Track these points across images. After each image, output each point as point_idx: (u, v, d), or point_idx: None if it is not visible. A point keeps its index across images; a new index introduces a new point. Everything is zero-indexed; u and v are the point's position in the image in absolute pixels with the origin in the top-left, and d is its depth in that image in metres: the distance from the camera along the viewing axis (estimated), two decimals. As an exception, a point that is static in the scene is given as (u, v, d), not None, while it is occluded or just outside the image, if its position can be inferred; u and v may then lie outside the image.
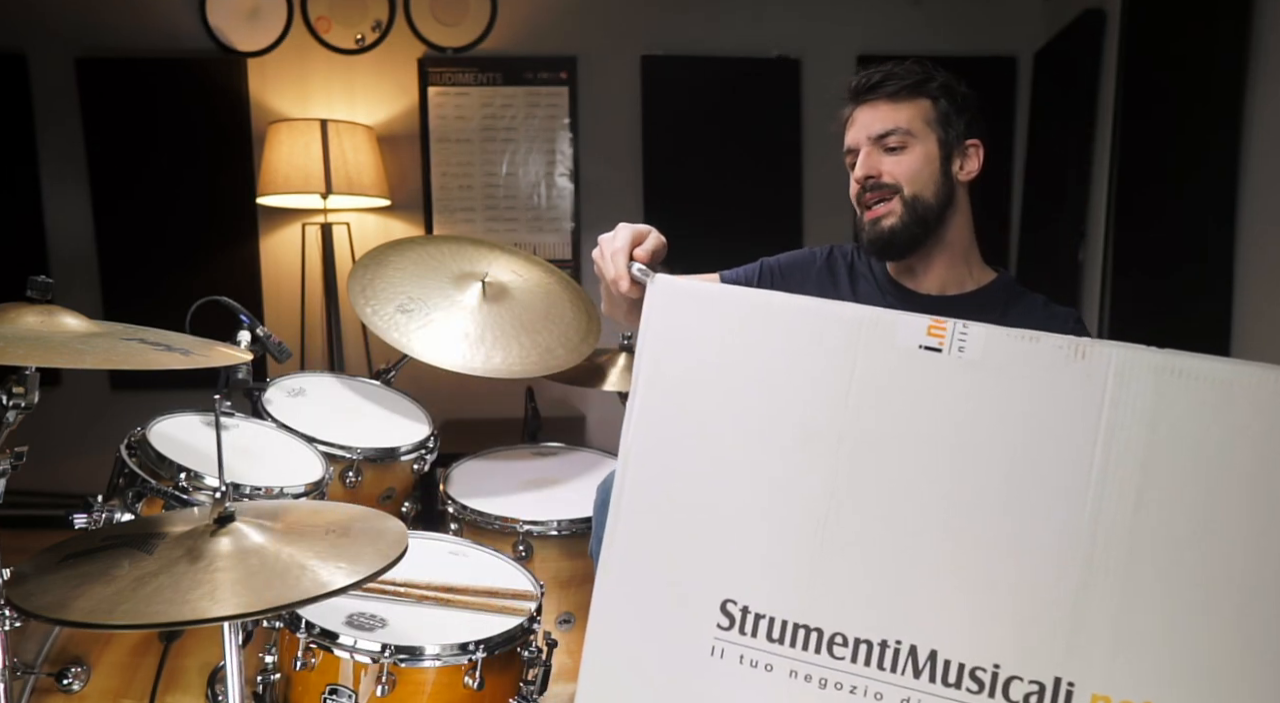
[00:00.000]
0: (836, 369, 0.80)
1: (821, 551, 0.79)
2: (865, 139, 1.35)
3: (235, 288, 2.56)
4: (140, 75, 3.57)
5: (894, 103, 1.34)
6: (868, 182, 1.34)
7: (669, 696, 0.81)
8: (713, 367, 0.81)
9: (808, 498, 0.80)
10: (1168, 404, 0.74)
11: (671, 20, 3.56)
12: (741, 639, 0.80)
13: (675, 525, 0.79)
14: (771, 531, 0.81)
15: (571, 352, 2.05)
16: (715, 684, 0.80)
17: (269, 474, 1.64)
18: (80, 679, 1.37)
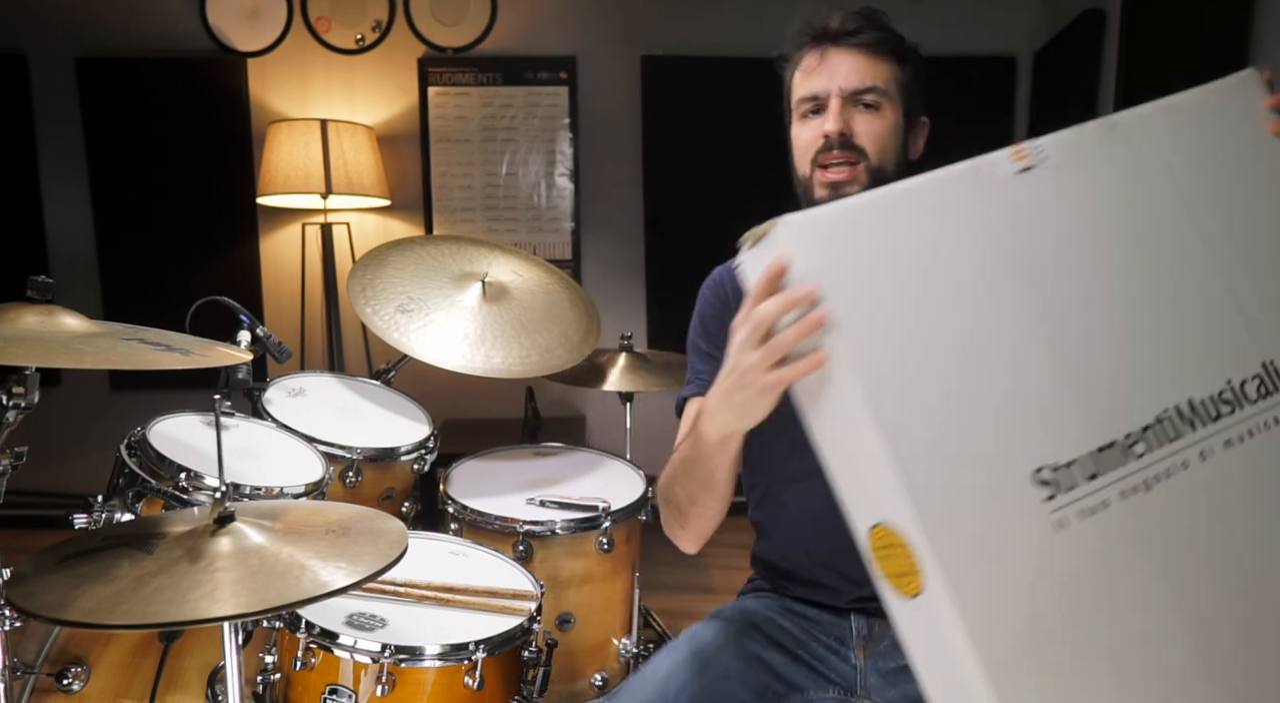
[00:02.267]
0: (975, 221, 0.82)
1: (1067, 376, 0.82)
2: (839, 89, 1.18)
3: (235, 288, 2.56)
4: (140, 75, 3.57)
5: (872, 56, 1.19)
6: (839, 139, 1.17)
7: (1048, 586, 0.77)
8: (882, 275, 0.79)
9: (1030, 340, 0.82)
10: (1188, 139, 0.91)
11: (671, 20, 3.57)
12: (1071, 497, 0.79)
13: (950, 435, 0.76)
14: (1021, 382, 0.81)
15: (571, 352, 2.05)
16: (1078, 553, 0.78)
17: (269, 474, 1.64)
18: (80, 679, 1.37)
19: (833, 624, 1.23)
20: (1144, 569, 0.80)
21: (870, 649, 1.21)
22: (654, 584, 2.42)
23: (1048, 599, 0.76)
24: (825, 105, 1.18)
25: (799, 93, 1.22)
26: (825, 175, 1.19)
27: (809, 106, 1.20)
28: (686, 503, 1.11)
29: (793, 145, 1.25)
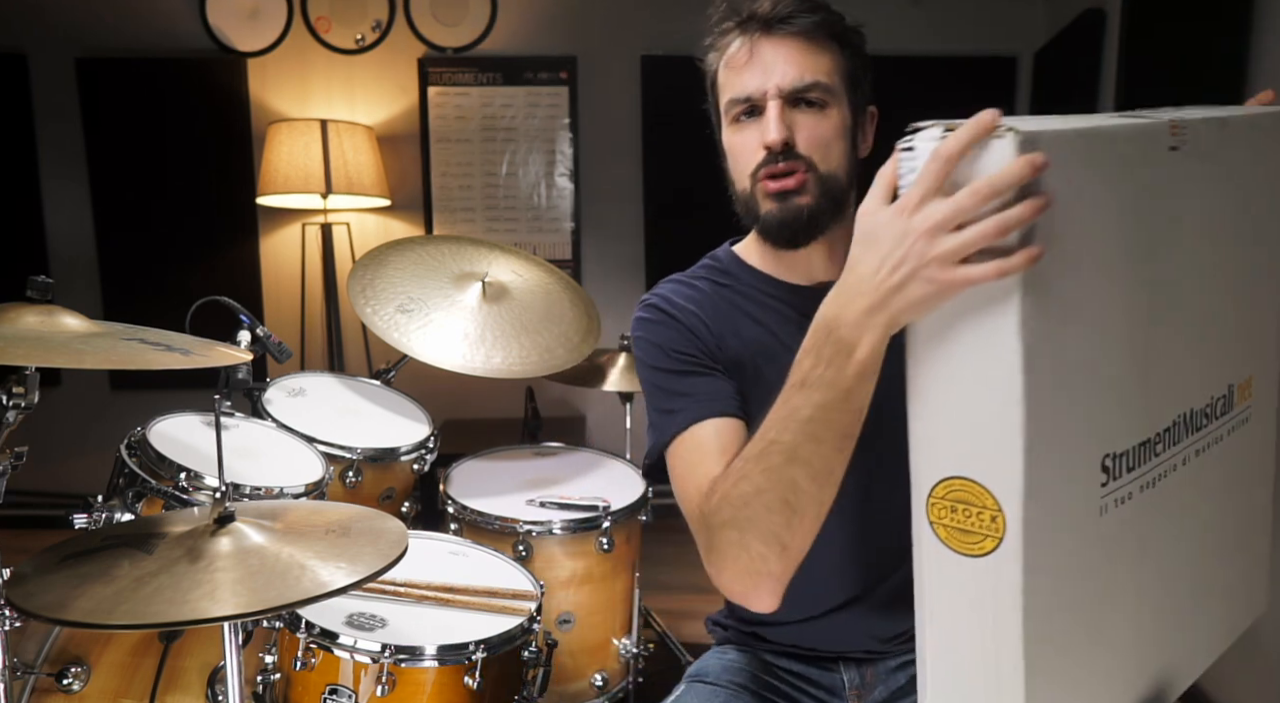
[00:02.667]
0: (1135, 185, 0.78)
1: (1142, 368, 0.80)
2: (775, 88, 1.01)
3: (235, 288, 2.56)
4: (140, 75, 3.57)
5: (810, 45, 1.02)
6: (782, 149, 1.00)
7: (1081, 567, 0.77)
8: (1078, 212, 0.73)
9: (1136, 324, 0.80)
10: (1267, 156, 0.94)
11: (671, 20, 3.56)
12: (1116, 485, 0.79)
13: (1063, 402, 0.73)
14: (1119, 364, 0.79)
15: (571, 352, 2.05)
16: (1105, 538, 0.78)
17: (269, 474, 1.64)
18: (80, 679, 1.37)
19: (822, 677, 1.18)
20: (1136, 554, 0.82)
21: (865, 698, 1.17)
22: (654, 584, 2.42)
23: (1079, 579, 0.76)
24: (761, 107, 1.02)
25: (728, 93, 1.04)
26: (770, 185, 1.03)
27: (741, 109, 1.03)
28: (801, 497, 0.84)
29: (726, 154, 1.09)
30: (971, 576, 0.74)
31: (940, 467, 0.74)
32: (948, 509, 0.74)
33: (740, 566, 0.89)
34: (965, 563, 0.74)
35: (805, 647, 1.18)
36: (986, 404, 0.71)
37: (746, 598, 0.91)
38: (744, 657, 1.21)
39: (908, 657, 1.18)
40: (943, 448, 0.74)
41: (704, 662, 1.22)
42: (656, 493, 2.03)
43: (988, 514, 0.72)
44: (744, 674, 1.17)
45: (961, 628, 0.76)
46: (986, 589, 0.73)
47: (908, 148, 0.73)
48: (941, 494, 0.74)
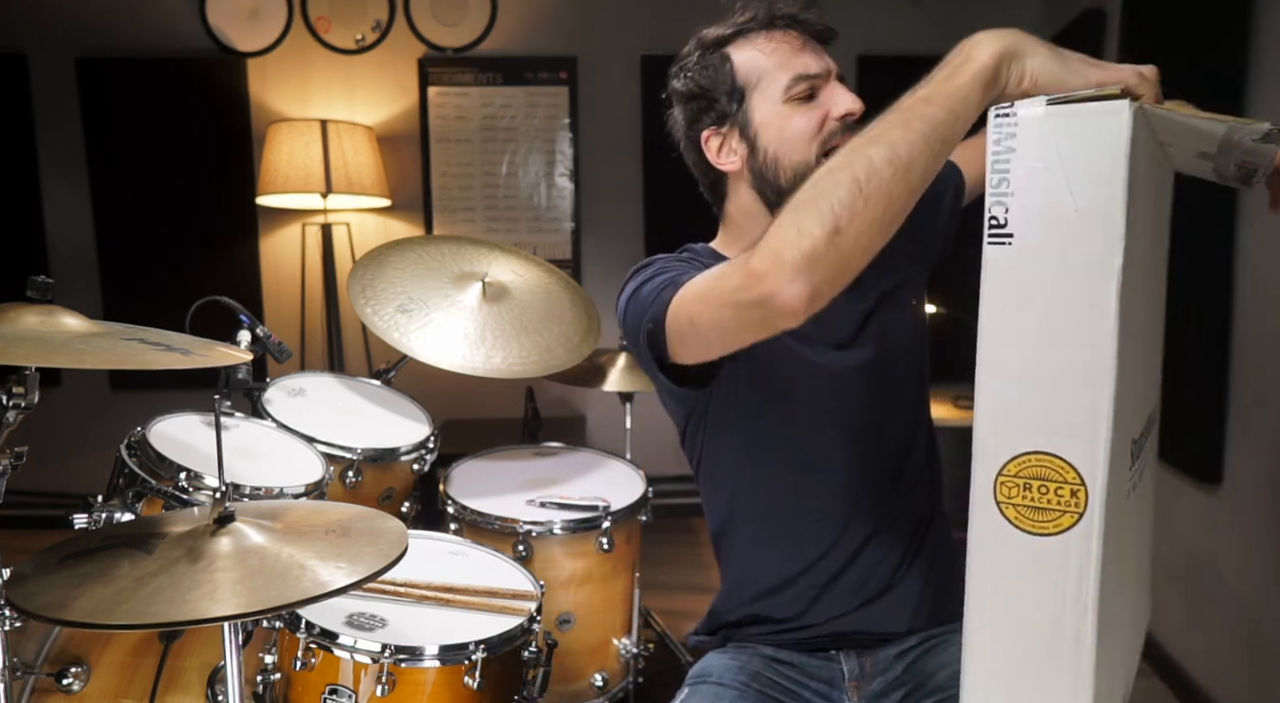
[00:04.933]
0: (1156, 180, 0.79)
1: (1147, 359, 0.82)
2: (835, 72, 1.12)
3: (235, 288, 2.56)
4: (140, 75, 3.57)
5: (827, 49, 1.14)
6: (851, 119, 1.09)
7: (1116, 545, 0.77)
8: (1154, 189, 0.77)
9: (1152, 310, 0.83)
10: None
11: (671, 20, 3.55)
12: (1134, 470, 0.79)
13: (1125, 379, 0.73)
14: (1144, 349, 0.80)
15: (571, 352, 2.05)
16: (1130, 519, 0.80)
17: (269, 474, 1.64)
18: (80, 679, 1.37)
19: (821, 668, 1.20)
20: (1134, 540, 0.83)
21: (864, 689, 1.18)
22: (654, 584, 2.42)
23: (1118, 559, 0.77)
24: (819, 88, 1.10)
25: (791, 72, 1.09)
26: None
27: (805, 87, 1.09)
28: (871, 180, 0.79)
29: (771, 133, 1.11)
30: (1043, 555, 0.73)
31: (1015, 443, 0.74)
32: (1020, 488, 0.74)
33: (784, 241, 0.81)
34: (1037, 543, 0.73)
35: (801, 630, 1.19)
36: (1079, 377, 0.71)
37: (778, 277, 0.81)
38: (744, 656, 1.21)
39: (904, 645, 1.19)
40: (1019, 423, 0.74)
41: (705, 663, 1.22)
42: (656, 493, 2.04)
43: (1068, 489, 0.72)
44: (746, 673, 1.17)
45: (1029, 611, 0.75)
46: (1060, 568, 0.72)
47: (1004, 114, 0.73)
48: (1014, 472, 0.74)
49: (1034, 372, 0.73)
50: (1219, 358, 2.14)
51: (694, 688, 1.17)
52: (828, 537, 1.17)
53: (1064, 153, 0.70)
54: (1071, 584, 0.72)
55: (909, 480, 1.21)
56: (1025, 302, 0.73)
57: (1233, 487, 2.11)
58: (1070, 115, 0.71)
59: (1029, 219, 0.72)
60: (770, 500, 1.20)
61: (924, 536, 1.21)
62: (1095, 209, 0.69)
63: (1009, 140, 0.73)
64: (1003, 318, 0.74)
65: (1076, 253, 0.70)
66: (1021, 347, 0.73)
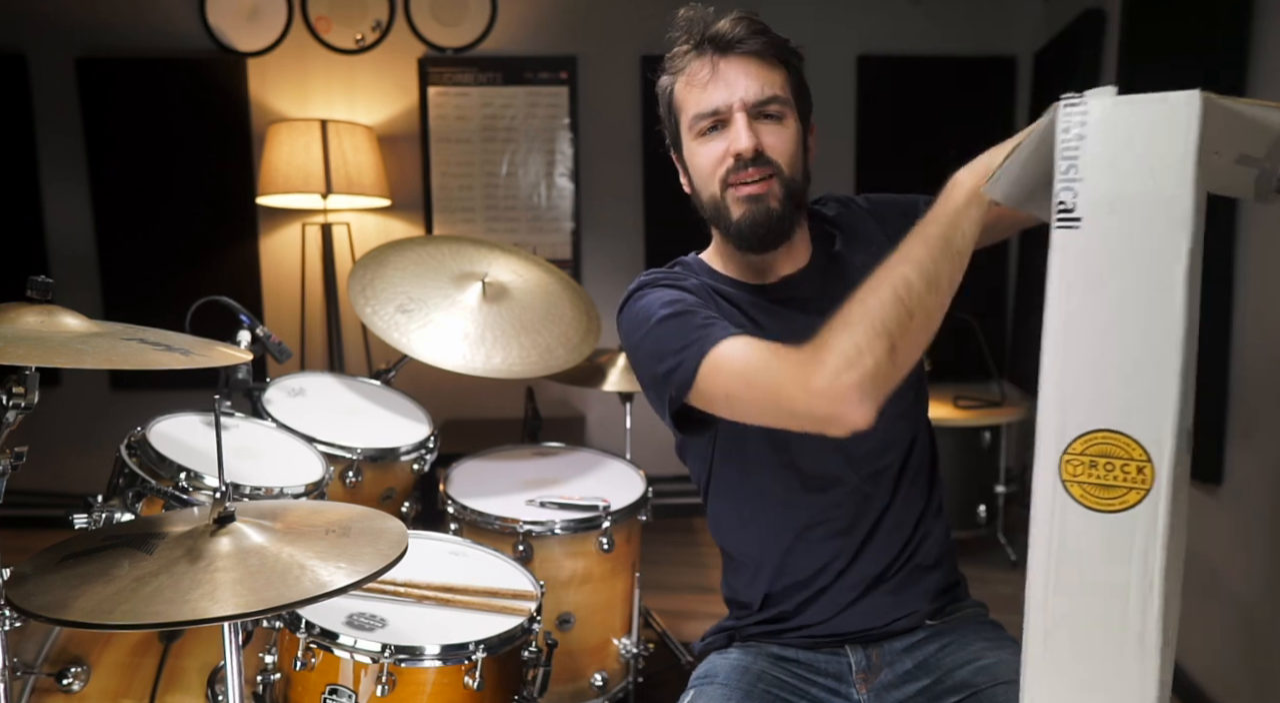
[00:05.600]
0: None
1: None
2: (740, 102, 1.09)
3: (235, 288, 2.56)
4: (140, 75, 3.57)
5: (763, 64, 1.10)
6: (752, 156, 1.09)
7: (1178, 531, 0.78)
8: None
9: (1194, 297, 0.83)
10: None
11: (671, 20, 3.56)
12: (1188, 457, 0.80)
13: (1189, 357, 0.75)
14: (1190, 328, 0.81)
15: (571, 352, 2.05)
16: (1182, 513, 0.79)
17: (269, 474, 1.64)
18: (80, 679, 1.37)
19: (828, 663, 1.20)
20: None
21: (872, 682, 1.18)
22: (654, 584, 2.42)
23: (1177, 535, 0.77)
24: (727, 120, 1.10)
25: (695, 108, 1.11)
26: (740, 191, 1.11)
27: (708, 123, 1.11)
28: (912, 295, 0.88)
29: (689, 166, 1.16)
30: (1110, 531, 0.74)
31: (1081, 421, 0.75)
32: (1086, 465, 0.75)
33: (845, 359, 0.87)
34: (1103, 520, 0.75)
35: (806, 629, 1.20)
36: (1146, 356, 0.73)
37: (844, 397, 0.87)
38: (749, 655, 1.21)
39: (911, 639, 1.20)
40: (1087, 402, 0.75)
41: (709, 664, 1.23)
42: (656, 493, 2.04)
43: (1134, 466, 0.74)
44: (752, 672, 1.18)
45: (1094, 588, 0.76)
46: (1126, 544, 0.74)
47: (1073, 104, 0.77)
48: (1080, 449, 0.75)
49: (1101, 352, 0.75)
50: (1219, 358, 2.14)
51: (700, 689, 1.17)
52: (833, 544, 1.18)
53: (1134, 140, 0.74)
54: (1138, 561, 0.74)
55: (909, 480, 1.21)
56: (1093, 284, 0.75)
57: (1233, 487, 2.11)
58: (1141, 103, 0.75)
59: (1097, 203, 0.74)
60: (777, 522, 1.20)
61: (925, 532, 1.22)
62: (1165, 194, 0.72)
63: (1079, 127, 0.76)
64: (1070, 299, 0.76)
65: (1145, 237, 0.72)
66: (1089, 328, 0.75)
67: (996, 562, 3.12)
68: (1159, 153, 0.73)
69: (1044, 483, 0.77)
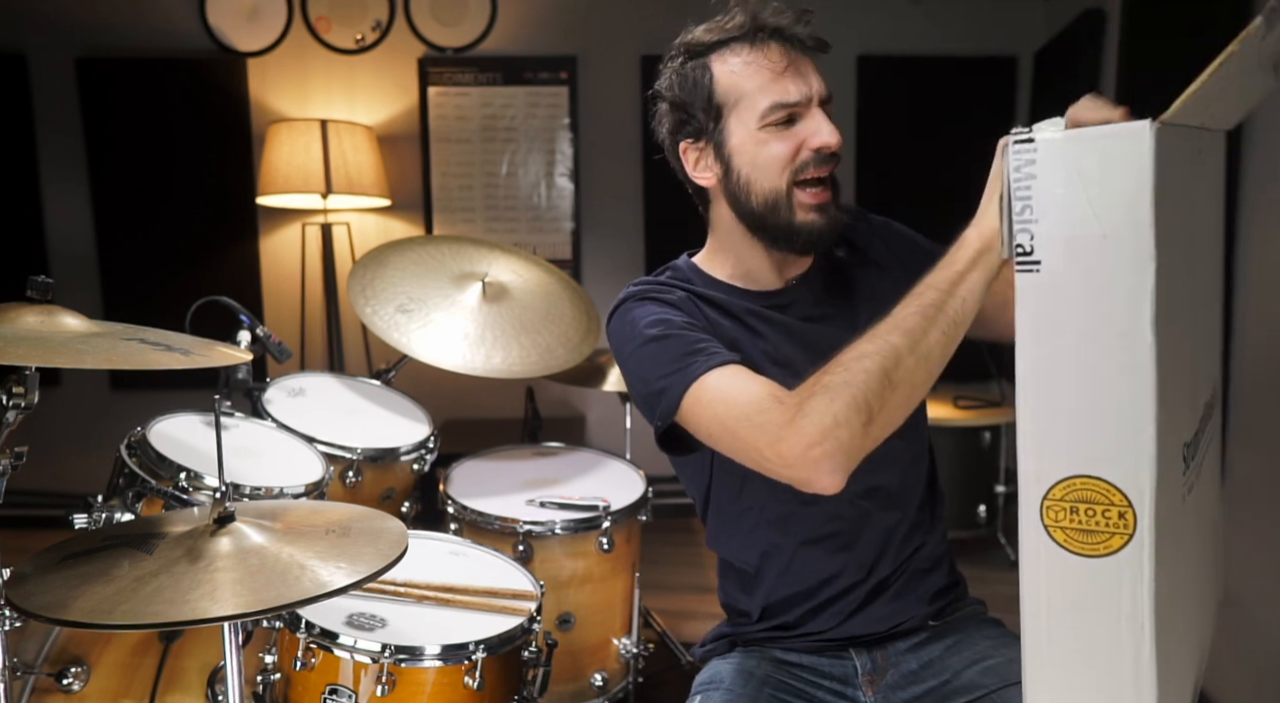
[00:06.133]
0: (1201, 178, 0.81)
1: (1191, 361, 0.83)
2: (817, 96, 1.07)
3: (235, 288, 2.56)
4: (140, 75, 3.57)
5: (815, 61, 1.09)
6: (826, 152, 1.06)
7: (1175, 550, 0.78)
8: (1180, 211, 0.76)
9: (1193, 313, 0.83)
10: None
11: (671, 20, 3.55)
12: (1189, 474, 0.79)
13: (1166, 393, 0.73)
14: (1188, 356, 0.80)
15: (571, 352, 2.05)
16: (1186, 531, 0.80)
17: (269, 474, 1.64)
18: (80, 679, 1.37)
19: (833, 666, 1.19)
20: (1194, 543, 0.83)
21: (878, 683, 1.18)
22: (654, 584, 2.42)
23: (1175, 567, 0.76)
24: (800, 114, 1.07)
25: (771, 98, 1.06)
26: (808, 196, 1.08)
27: (784, 114, 1.06)
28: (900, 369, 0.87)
29: (743, 156, 1.09)
30: (1096, 576, 0.73)
31: (1060, 467, 0.74)
32: (1066, 511, 0.74)
33: (822, 429, 0.87)
34: (1088, 565, 0.73)
35: (816, 634, 1.19)
36: (1117, 400, 0.71)
37: (817, 466, 0.88)
38: (752, 659, 1.20)
39: (915, 639, 1.19)
40: (1063, 448, 0.74)
41: (713, 669, 1.22)
42: (656, 493, 2.04)
43: (1115, 512, 0.72)
44: (756, 677, 1.17)
45: (1085, 630, 0.75)
46: (1113, 588, 0.72)
47: (1021, 140, 0.74)
48: (1059, 496, 0.74)
49: (1072, 396, 0.73)
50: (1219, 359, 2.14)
51: (705, 694, 1.16)
52: (834, 558, 1.17)
53: (1086, 178, 0.70)
54: (1126, 603, 0.72)
55: (908, 494, 1.20)
56: (1058, 327, 0.73)
57: (1233, 487, 2.11)
58: (1090, 139, 0.71)
59: (1055, 245, 0.72)
60: (775, 537, 1.19)
61: (923, 540, 1.21)
62: (1123, 235, 0.69)
63: (1029, 166, 0.73)
64: (1037, 344, 0.74)
65: (1107, 278, 0.70)
66: (1058, 372, 0.73)
67: (996, 562, 3.12)
68: (1113, 190, 0.70)
69: (1028, 527, 0.76)
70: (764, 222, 1.11)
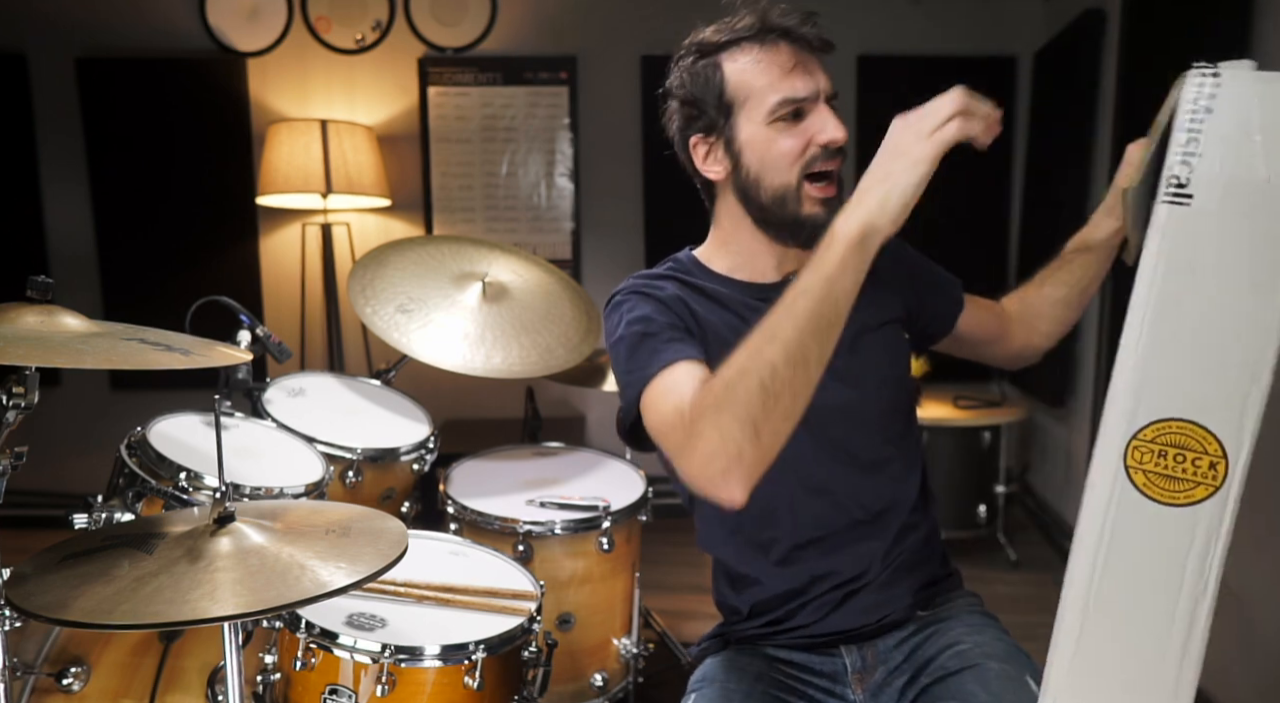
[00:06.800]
0: None
1: None
2: (823, 93, 1.11)
3: (235, 288, 2.56)
4: (140, 75, 3.57)
5: (821, 61, 1.13)
6: (834, 147, 1.10)
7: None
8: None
9: None
10: None
11: (671, 20, 3.55)
12: None
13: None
14: None
15: (571, 352, 2.05)
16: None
17: (269, 474, 1.64)
18: (80, 679, 1.37)
19: (823, 664, 1.20)
20: None
21: (867, 681, 1.18)
22: (654, 584, 2.42)
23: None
24: (807, 109, 1.10)
25: (779, 93, 1.09)
26: (815, 190, 1.11)
27: (791, 109, 1.10)
28: (776, 380, 0.88)
29: (753, 151, 1.12)
30: (1170, 525, 0.71)
31: (1159, 408, 0.72)
32: (1154, 454, 0.72)
33: (712, 447, 0.90)
34: (1165, 513, 0.71)
35: (805, 629, 1.20)
36: (1238, 349, 0.69)
37: (715, 483, 0.91)
38: (745, 656, 1.21)
39: (903, 633, 1.20)
40: (1167, 388, 0.72)
41: (707, 667, 1.22)
42: (656, 493, 2.04)
43: (1207, 462, 0.70)
44: (750, 673, 1.18)
45: (1141, 580, 0.73)
46: (1185, 541, 0.71)
47: (1205, 73, 0.71)
48: (1151, 437, 0.72)
49: (1191, 338, 0.71)
50: None
51: (700, 692, 1.17)
52: (824, 558, 1.18)
53: (1266, 121, 0.69)
54: (1195, 559, 0.71)
55: (897, 473, 1.21)
56: (1194, 266, 0.70)
57: (1233, 487, 2.11)
58: (1277, 81, 0.69)
59: (1214, 183, 0.70)
60: (762, 536, 1.20)
61: (913, 533, 1.21)
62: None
63: (1208, 99, 0.71)
64: (1166, 279, 0.71)
65: (1260, 224, 0.68)
66: (1182, 311, 0.71)
67: (997, 562, 3.12)
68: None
69: (1105, 467, 0.73)
70: (771, 214, 1.14)
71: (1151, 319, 0.72)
